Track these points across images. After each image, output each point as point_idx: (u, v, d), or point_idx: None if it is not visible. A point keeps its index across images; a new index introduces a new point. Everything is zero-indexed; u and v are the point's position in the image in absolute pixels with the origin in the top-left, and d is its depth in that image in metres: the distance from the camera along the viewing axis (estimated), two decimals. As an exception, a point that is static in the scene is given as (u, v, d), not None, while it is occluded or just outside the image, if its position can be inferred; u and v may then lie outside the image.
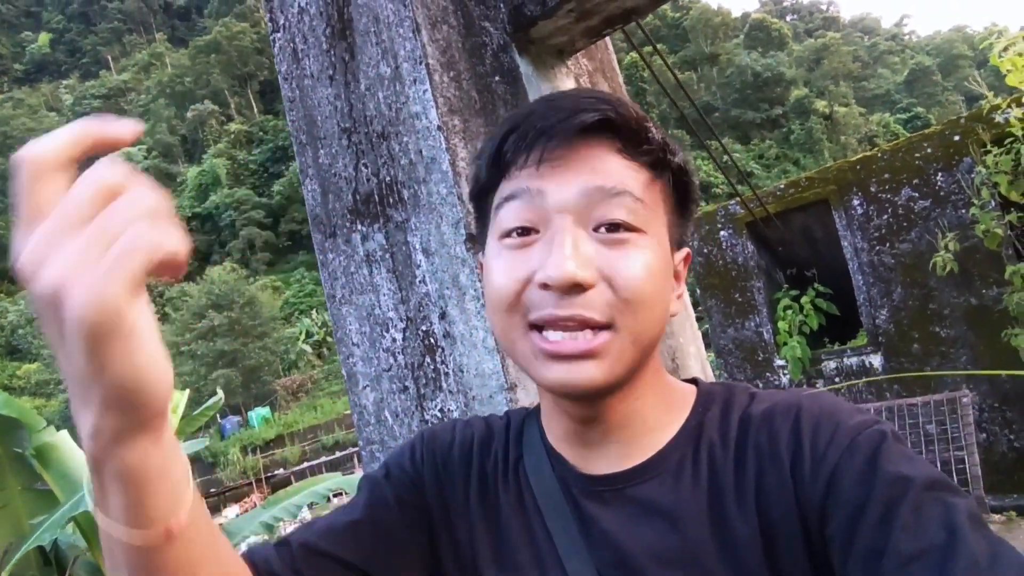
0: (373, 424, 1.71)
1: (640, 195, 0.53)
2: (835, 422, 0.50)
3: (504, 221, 0.54)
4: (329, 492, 5.20)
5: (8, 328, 41.41)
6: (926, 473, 0.46)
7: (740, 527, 0.51)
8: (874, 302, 4.43)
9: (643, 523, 0.54)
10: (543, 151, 0.51)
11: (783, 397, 0.55)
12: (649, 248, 0.52)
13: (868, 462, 0.47)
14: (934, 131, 4.17)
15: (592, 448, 0.57)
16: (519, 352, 0.53)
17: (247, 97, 68.56)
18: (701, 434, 0.56)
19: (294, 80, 1.82)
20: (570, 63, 2.01)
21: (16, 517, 4.05)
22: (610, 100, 0.53)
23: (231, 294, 32.92)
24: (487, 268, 0.56)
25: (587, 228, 0.52)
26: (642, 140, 0.53)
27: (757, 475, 0.51)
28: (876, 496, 0.45)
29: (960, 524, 0.43)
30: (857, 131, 55.39)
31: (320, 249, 1.80)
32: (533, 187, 0.52)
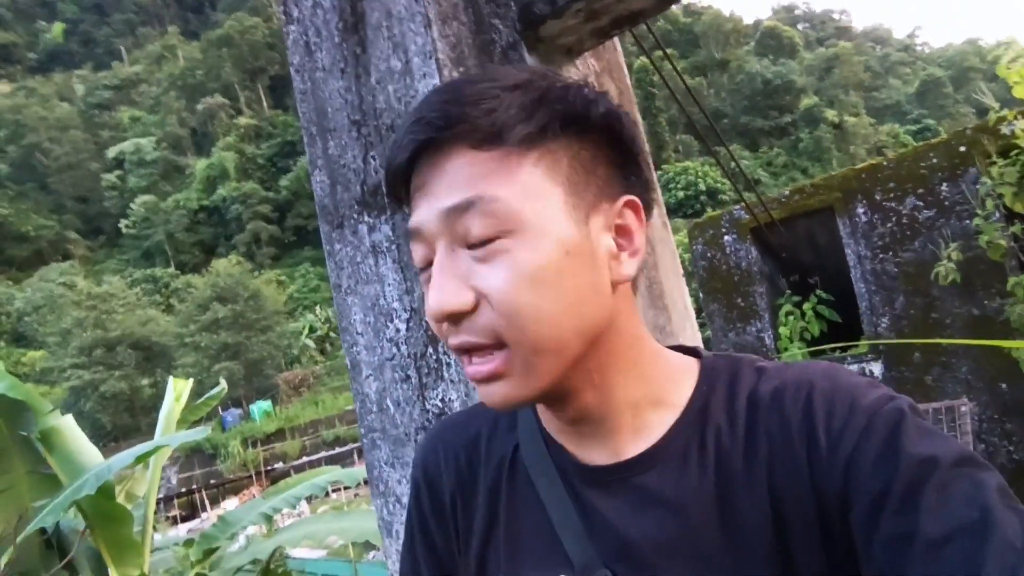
0: (375, 412, 1.74)
1: (493, 193, 0.47)
2: (849, 401, 0.48)
3: (415, 261, 0.53)
4: (328, 485, 5.24)
5: (14, 315, 41.69)
6: (951, 449, 0.44)
7: (750, 515, 0.49)
8: (876, 310, 4.44)
9: (647, 513, 0.52)
10: (393, 180, 0.51)
11: (793, 374, 0.52)
12: (524, 248, 0.47)
13: (888, 444, 0.45)
14: (940, 141, 4.18)
15: (590, 439, 0.56)
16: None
17: (257, 92, 68.86)
18: (707, 418, 0.53)
19: (306, 72, 1.86)
20: (578, 63, 2.04)
21: (20, 500, 4.09)
22: (461, 93, 0.48)
23: (236, 287, 33.07)
24: None
25: (463, 244, 0.48)
26: (494, 123, 0.47)
27: (769, 461, 0.49)
28: (900, 479, 0.43)
29: (991, 502, 0.41)
30: (866, 141, 55.25)
31: (327, 240, 1.83)
32: (413, 225, 0.51)
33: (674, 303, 2.14)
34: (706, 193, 43.24)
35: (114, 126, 67.00)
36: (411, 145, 0.48)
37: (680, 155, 52.75)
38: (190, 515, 19.05)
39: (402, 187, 0.51)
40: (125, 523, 4.24)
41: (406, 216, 1.73)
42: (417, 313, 1.64)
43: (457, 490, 0.63)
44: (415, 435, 1.66)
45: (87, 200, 60.59)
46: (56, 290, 39.54)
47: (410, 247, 0.53)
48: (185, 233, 54.87)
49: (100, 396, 30.10)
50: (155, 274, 49.57)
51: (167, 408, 5.05)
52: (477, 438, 0.64)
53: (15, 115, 60.08)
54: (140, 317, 34.08)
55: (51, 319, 34.95)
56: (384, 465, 1.74)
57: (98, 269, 52.88)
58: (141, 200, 55.07)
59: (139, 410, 31.71)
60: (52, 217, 58.21)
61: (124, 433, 30.34)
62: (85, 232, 59.89)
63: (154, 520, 5.30)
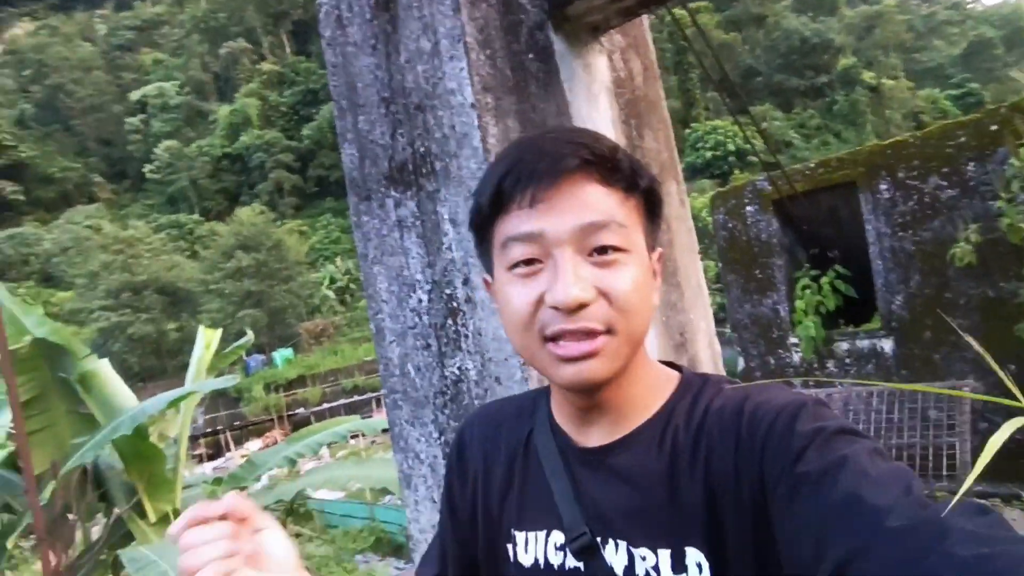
0: (397, 376, 1.86)
1: (622, 220, 0.64)
2: (769, 405, 0.61)
3: (512, 256, 0.65)
4: (348, 433, 5.48)
5: (43, 256, 42.70)
6: (835, 423, 0.56)
7: (689, 495, 0.62)
8: (891, 287, 4.44)
9: (616, 486, 0.67)
10: (534, 192, 0.62)
11: (740, 392, 0.66)
12: (633, 264, 0.64)
13: (787, 426, 0.57)
14: (971, 119, 4.08)
15: (588, 425, 0.71)
16: (537, 360, 0.66)
17: (280, 37, 67.78)
18: (671, 418, 0.68)
19: (338, 47, 1.91)
20: (604, 40, 2.05)
21: (61, 437, 4.34)
22: (587, 142, 0.64)
23: (259, 236, 33.42)
24: (502, 294, 0.67)
25: (583, 255, 0.63)
26: (615, 170, 0.65)
27: (707, 456, 0.62)
28: (792, 449, 0.55)
29: (859, 450, 0.52)
30: (903, 106, 53.06)
31: (355, 211, 1.92)
32: (534, 229, 0.63)
33: (687, 280, 2.20)
34: (735, 154, 42.14)
35: (136, 68, 66.68)
36: (558, 168, 0.62)
37: (711, 113, 51.17)
38: (215, 454, 19.90)
39: (518, 194, 0.63)
40: (158, 462, 4.51)
41: (431, 194, 1.80)
42: (438, 286, 1.73)
43: (481, 463, 0.82)
44: (434, 399, 1.79)
45: (111, 143, 60.95)
46: (83, 232, 40.30)
47: (512, 244, 0.65)
48: (209, 180, 55.14)
49: (128, 338, 31.03)
50: (180, 220, 50.15)
51: (197, 355, 5.28)
52: (502, 423, 0.83)
53: (38, 55, 60.02)
54: (166, 262, 34.73)
55: (79, 261, 35.73)
56: (405, 424, 1.88)
57: (124, 213, 53.61)
58: (165, 145, 55.23)
59: (165, 353, 32.71)
60: (77, 159, 58.76)
61: (151, 375, 31.41)
62: (110, 175, 60.45)
63: (185, 459, 5.61)
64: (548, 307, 0.62)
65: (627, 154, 0.67)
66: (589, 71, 1.97)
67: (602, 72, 2.03)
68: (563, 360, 0.63)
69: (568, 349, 0.62)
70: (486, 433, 0.83)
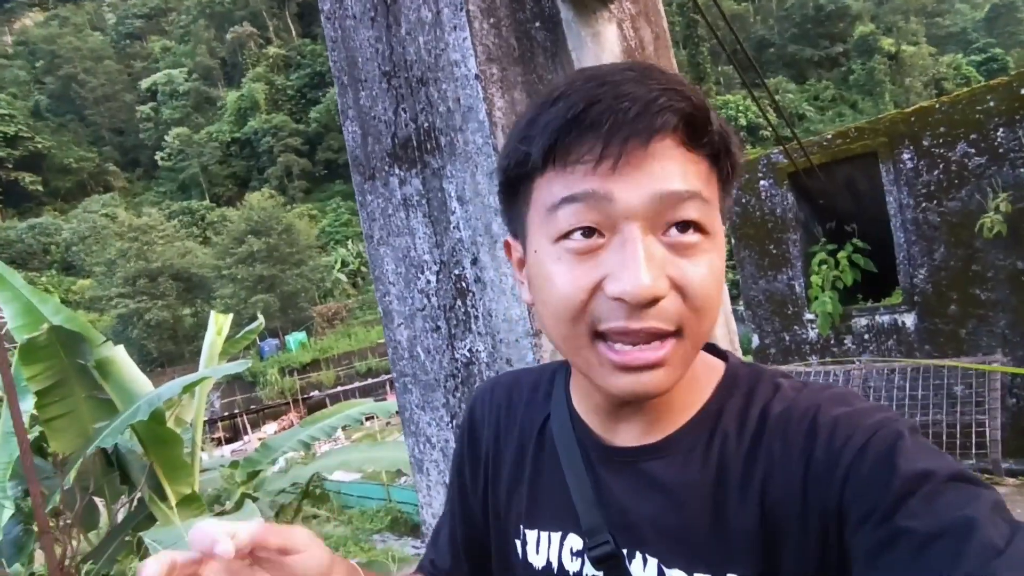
0: (407, 359, 1.83)
1: (708, 195, 0.51)
2: (851, 423, 0.50)
3: (563, 222, 0.51)
4: (362, 416, 5.51)
5: (63, 245, 43.30)
6: (947, 466, 0.45)
7: (739, 518, 0.52)
8: (914, 260, 4.32)
9: (648, 495, 0.57)
10: (620, 149, 0.48)
11: (805, 396, 0.55)
12: (715, 250, 0.52)
13: (884, 460, 0.46)
14: (1000, 83, 3.91)
15: (619, 422, 0.60)
16: (582, 359, 0.53)
17: (285, 20, 67.33)
18: (718, 423, 0.57)
19: (336, 20, 1.84)
20: (613, 7, 1.97)
21: (82, 422, 4.40)
22: (685, 92, 0.50)
23: (269, 220, 33.57)
24: (542, 271, 0.53)
25: (656, 233, 0.50)
26: (705, 132, 0.51)
27: (764, 476, 0.52)
28: (892, 492, 0.45)
29: (979, 510, 0.42)
30: (924, 73, 51.64)
31: (359, 191, 1.86)
32: (600, 190, 0.49)
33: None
34: (747, 129, 41.44)
35: (146, 56, 66.73)
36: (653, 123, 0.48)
37: (721, 88, 50.30)
38: (232, 437, 20.24)
39: (594, 154, 0.49)
40: (176, 445, 4.56)
41: (436, 171, 1.73)
42: (446, 266, 1.68)
43: (492, 444, 0.73)
44: (444, 382, 1.75)
45: (123, 132, 61.31)
46: (99, 221, 40.76)
47: (566, 206, 0.51)
48: (218, 166, 55.38)
49: (145, 324, 31.49)
50: (191, 206, 50.50)
51: (209, 340, 5.31)
52: (515, 403, 0.72)
53: (50, 45, 60.21)
54: (179, 249, 35.06)
55: (96, 249, 36.21)
56: (415, 408, 1.84)
57: (137, 201, 54.10)
58: (175, 132, 55.44)
59: (182, 338, 33.18)
60: (92, 149, 59.22)
61: (169, 360, 31.94)
62: (123, 164, 60.92)
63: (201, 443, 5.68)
64: (609, 297, 0.49)
65: (716, 114, 0.53)
66: (598, 40, 1.88)
67: (611, 41, 1.94)
68: (619, 368, 0.51)
69: (628, 356, 0.50)
70: (499, 410, 0.73)
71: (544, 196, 0.52)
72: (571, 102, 0.49)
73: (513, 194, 0.57)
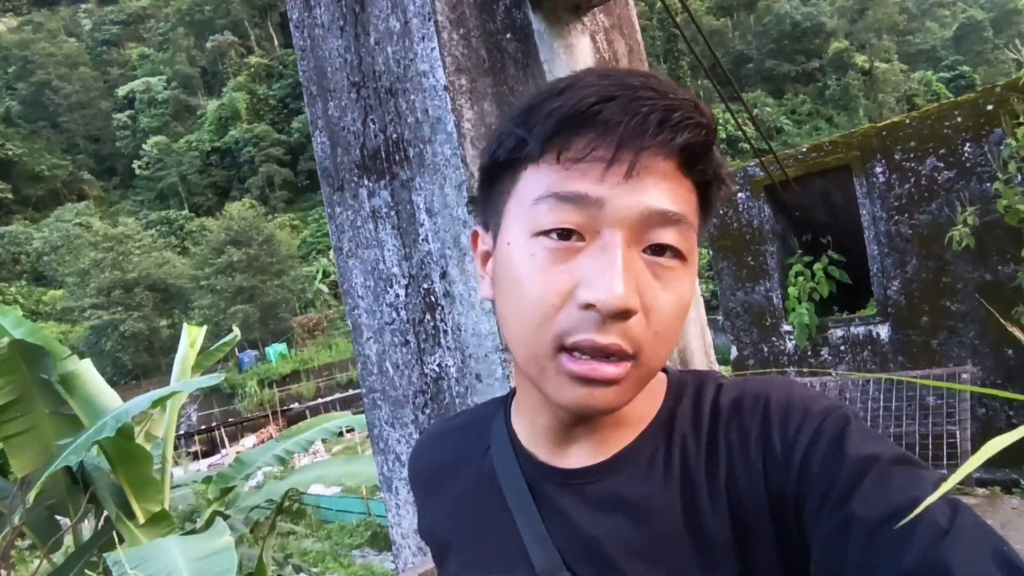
0: (376, 374, 1.78)
1: (692, 221, 0.50)
2: (802, 410, 0.50)
3: (545, 218, 0.48)
4: (340, 428, 5.41)
5: (34, 255, 42.35)
6: (891, 449, 0.47)
7: (712, 522, 0.51)
8: (887, 272, 4.39)
9: (613, 516, 0.54)
10: (634, 156, 0.46)
11: (751, 386, 0.55)
12: (687, 279, 0.50)
13: (833, 445, 0.47)
14: (967, 99, 4.01)
15: (568, 444, 0.57)
16: (536, 367, 0.51)
17: (267, 29, 67.08)
18: (674, 427, 0.55)
19: (305, 28, 1.81)
20: (586, 19, 1.96)
21: (45, 439, 4.26)
22: (702, 108, 0.48)
23: (250, 231, 33.18)
24: (512, 265, 0.50)
25: (637, 248, 0.48)
26: (703, 157, 0.49)
27: (728, 469, 0.51)
28: (842, 477, 0.46)
29: (925, 491, 0.43)
30: (896, 89, 53.03)
31: (328, 202, 1.83)
32: (594, 195, 0.47)
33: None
34: (725, 141, 42.06)
35: (123, 64, 65.90)
36: (668, 140, 0.46)
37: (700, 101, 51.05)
38: (210, 451, 19.84)
39: (601, 161, 0.46)
40: (144, 462, 4.43)
41: (405, 183, 1.70)
42: (415, 279, 1.65)
43: (426, 496, 0.69)
44: (413, 398, 1.71)
45: (99, 140, 60.34)
46: (72, 230, 39.96)
47: (550, 201, 0.48)
48: (198, 175, 54.71)
49: (120, 336, 30.85)
50: (170, 216, 49.79)
51: (182, 353, 5.18)
52: (447, 447, 0.68)
53: (23, 51, 59.19)
54: (156, 259, 34.48)
55: (69, 259, 35.45)
56: (384, 424, 1.80)
57: (113, 210, 53.18)
58: (153, 141, 54.72)
59: (158, 350, 32.54)
60: (65, 157, 58.16)
61: (145, 372, 31.28)
62: (99, 172, 59.90)
63: (174, 457, 5.53)
64: (579, 305, 0.47)
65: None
66: (571, 52, 1.88)
67: (584, 53, 1.94)
68: (573, 377, 0.48)
69: (588, 367, 0.47)
70: (432, 461, 0.69)
71: (531, 187, 0.49)
72: (581, 95, 0.47)
73: (495, 181, 0.54)
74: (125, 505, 4.55)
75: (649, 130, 0.46)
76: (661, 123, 0.46)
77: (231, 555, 2.76)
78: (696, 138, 0.47)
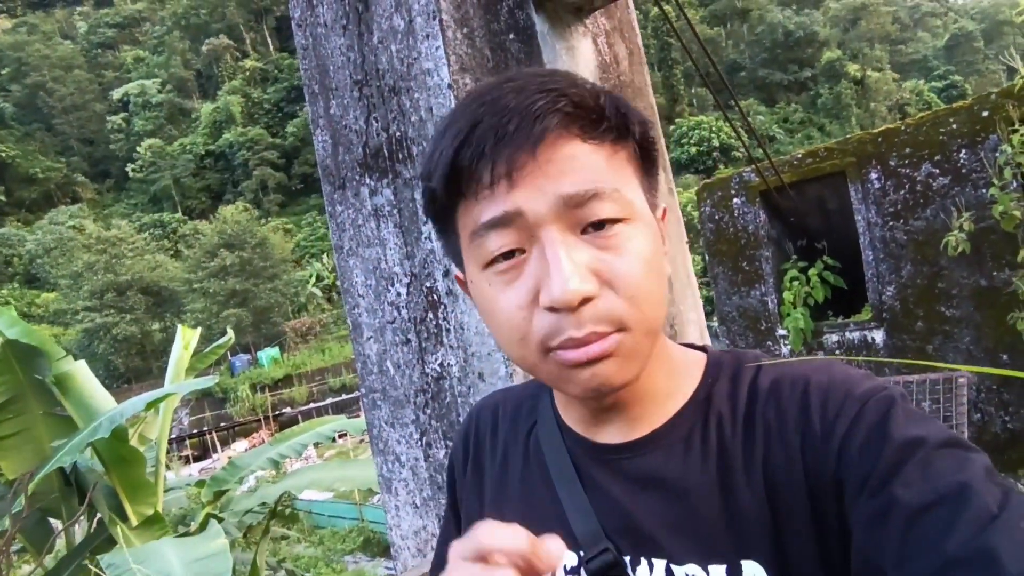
0: (376, 374, 1.78)
1: (615, 183, 0.51)
2: (843, 392, 0.50)
3: (486, 250, 0.51)
4: (334, 433, 5.38)
5: (27, 257, 42.04)
6: (939, 432, 0.46)
7: (747, 500, 0.51)
8: (882, 278, 4.41)
9: (649, 492, 0.55)
10: (509, 164, 0.48)
11: (791, 368, 0.55)
12: (638, 233, 0.51)
13: (877, 428, 0.46)
14: (962, 106, 4.04)
15: (603, 423, 0.59)
16: (542, 373, 0.53)
17: (263, 33, 67.07)
18: (710, 406, 0.56)
19: (308, 27, 1.81)
20: (588, 22, 1.97)
21: (38, 440, 4.22)
22: (564, 90, 0.50)
23: (243, 234, 33.04)
24: (482, 298, 0.54)
25: (575, 232, 0.50)
26: (600, 120, 0.51)
27: (765, 450, 0.51)
28: (885, 460, 0.45)
29: (973, 475, 0.42)
30: (888, 98, 53.52)
31: (329, 200, 1.82)
32: (509, 209, 0.49)
33: (677, 271, 2.13)
34: (719, 149, 42.34)
35: (118, 66, 65.72)
36: (535, 130, 0.48)
37: (694, 109, 51.41)
38: (202, 455, 19.69)
39: (486, 172, 0.49)
40: (138, 464, 4.39)
41: (408, 181, 1.70)
42: (417, 278, 1.64)
43: (473, 461, 0.70)
44: (414, 397, 1.70)
45: (93, 142, 60.08)
46: (66, 233, 39.70)
47: (484, 234, 0.51)
48: (192, 178, 54.54)
49: (113, 339, 30.62)
50: (163, 219, 49.57)
51: (176, 356, 5.15)
52: (500, 420, 0.70)
53: (17, 52, 58.93)
54: (149, 262, 34.28)
55: (62, 262, 35.19)
56: (384, 425, 1.79)
57: (107, 213, 52.91)
58: (147, 144, 54.51)
59: (151, 353, 32.33)
60: (59, 159, 57.87)
61: (137, 375, 31.06)
62: (92, 175, 59.60)
63: (166, 460, 5.48)
64: (542, 309, 0.49)
65: (611, 96, 0.53)
66: (573, 54, 1.89)
67: (586, 56, 1.95)
68: (572, 367, 0.50)
69: (577, 353, 0.49)
70: (489, 427, 0.71)
71: (463, 227, 0.53)
72: (457, 129, 0.50)
73: (443, 227, 0.57)
74: (118, 507, 4.51)
75: (513, 134, 0.48)
76: (521, 123, 0.48)
77: (226, 558, 2.74)
78: (563, 114, 0.49)
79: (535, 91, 0.49)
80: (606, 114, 0.51)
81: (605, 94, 0.52)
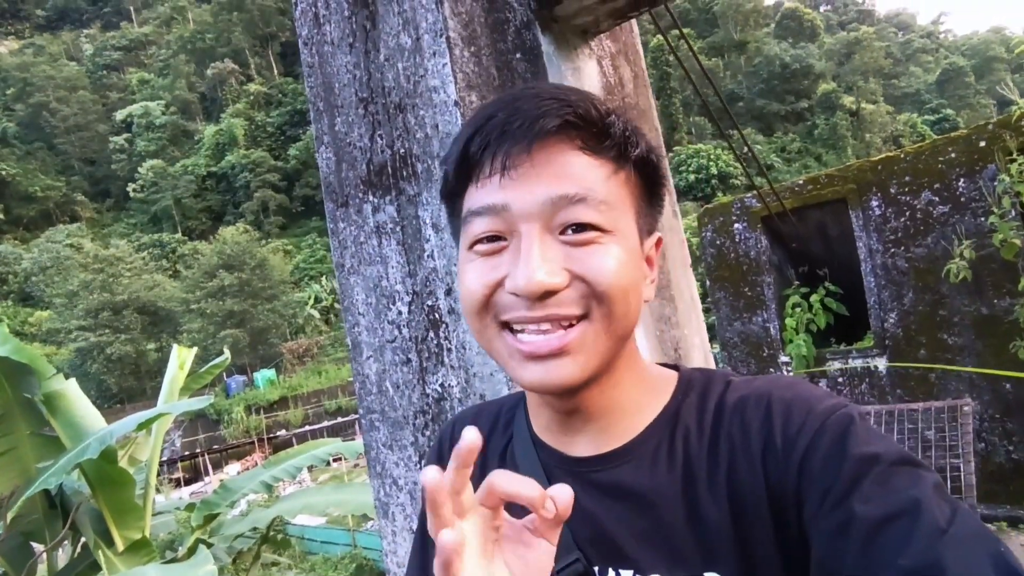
0: (375, 394, 1.74)
1: (603, 196, 0.53)
2: (805, 409, 0.52)
3: (473, 232, 0.55)
4: (328, 456, 5.29)
5: (22, 275, 41.94)
6: (893, 449, 0.48)
7: (711, 512, 0.53)
8: (884, 305, 4.40)
9: (619, 503, 0.57)
10: (506, 158, 0.52)
11: (757, 385, 0.57)
12: (616, 244, 0.54)
13: (837, 444, 0.48)
14: (960, 135, 4.08)
15: (574, 434, 0.61)
16: (496, 351, 0.57)
17: (267, 58, 68.12)
18: (678, 421, 0.58)
19: (314, 46, 1.81)
20: (593, 44, 1.98)
21: (24, 461, 4.13)
22: (571, 100, 0.53)
23: (242, 255, 33.07)
24: (460, 273, 0.58)
25: (553, 233, 0.53)
26: (603, 136, 0.54)
27: (729, 463, 0.53)
28: (844, 476, 0.47)
29: (925, 492, 0.44)
30: (883, 130, 54.34)
31: (331, 218, 1.80)
32: (498, 202, 0.53)
33: (680, 294, 2.11)
34: (717, 177, 42.78)
35: (122, 88, 66.50)
36: (533, 130, 0.51)
37: (693, 137, 52.08)
38: (193, 478, 19.37)
39: (487, 161, 0.53)
40: (127, 487, 4.29)
41: (411, 198, 1.68)
42: (419, 297, 1.61)
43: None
44: (413, 419, 1.66)
45: (95, 162, 60.45)
46: (63, 251, 39.66)
47: (474, 219, 0.55)
48: (193, 199, 54.78)
49: (106, 358, 30.37)
50: (162, 239, 49.65)
51: (171, 375, 5.09)
52: (485, 433, 0.70)
53: (23, 73, 59.64)
54: (147, 282, 34.21)
55: (58, 280, 35.11)
56: (382, 447, 1.74)
57: (105, 232, 53.01)
58: (149, 164, 54.89)
59: (145, 374, 32.04)
60: (59, 178, 58.15)
61: (130, 396, 30.72)
62: (92, 194, 59.86)
63: (157, 483, 5.37)
64: (507, 293, 0.53)
65: (624, 119, 0.56)
66: (578, 75, 1.89)
67: (592, 77, 1.95)
68: (526, 357, 0.53)
69: (532, 345, 0.52)
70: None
71: (464, 209, 0.57)
72: (475, 123, 0.55)
73: (452, 210, 0.61)
74: (104, 532, 4.40)
75: (515, 131, 0.51)
76: (525, 122, 0.51)
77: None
78: (563, 120, 0.52)
79: (547, 98, 0.53)
80: (610, 132, 0.54)
81: (617, 115, 0.55)
